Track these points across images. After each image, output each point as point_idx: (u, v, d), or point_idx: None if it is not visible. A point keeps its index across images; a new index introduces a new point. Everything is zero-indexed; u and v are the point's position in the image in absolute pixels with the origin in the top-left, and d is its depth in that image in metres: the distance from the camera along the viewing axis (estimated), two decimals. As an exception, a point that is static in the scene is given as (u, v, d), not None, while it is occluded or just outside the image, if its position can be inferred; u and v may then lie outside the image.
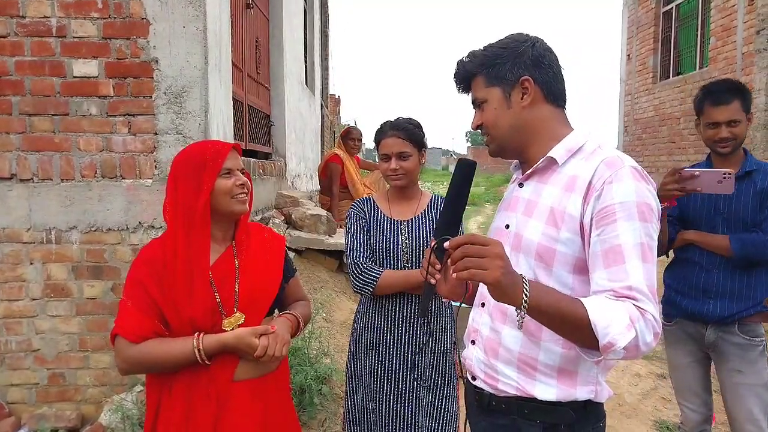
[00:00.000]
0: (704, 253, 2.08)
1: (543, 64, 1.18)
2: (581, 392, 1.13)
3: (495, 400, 1.20)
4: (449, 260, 1.02)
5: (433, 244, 1.17)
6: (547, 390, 1.13)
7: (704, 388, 2.21)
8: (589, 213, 1.07)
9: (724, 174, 1.87)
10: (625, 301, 1.02)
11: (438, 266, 1.14)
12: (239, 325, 1.41)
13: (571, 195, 1.11)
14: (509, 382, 1.17)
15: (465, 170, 1.19)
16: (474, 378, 1.26)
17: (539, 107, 1.19)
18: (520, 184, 1.24)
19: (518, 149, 1.23)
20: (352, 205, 2.03)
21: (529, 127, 1.20)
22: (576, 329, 1.02)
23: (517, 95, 1.18)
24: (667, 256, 2.24)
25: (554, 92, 1.20)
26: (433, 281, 1.15)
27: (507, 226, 1.23)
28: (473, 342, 1.27)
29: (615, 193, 1.05)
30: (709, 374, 2.23)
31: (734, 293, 2.04)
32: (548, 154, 1.17)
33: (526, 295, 0.98)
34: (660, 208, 1.11)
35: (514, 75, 1.17)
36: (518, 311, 1.02)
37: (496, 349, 1.19)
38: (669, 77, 8.82)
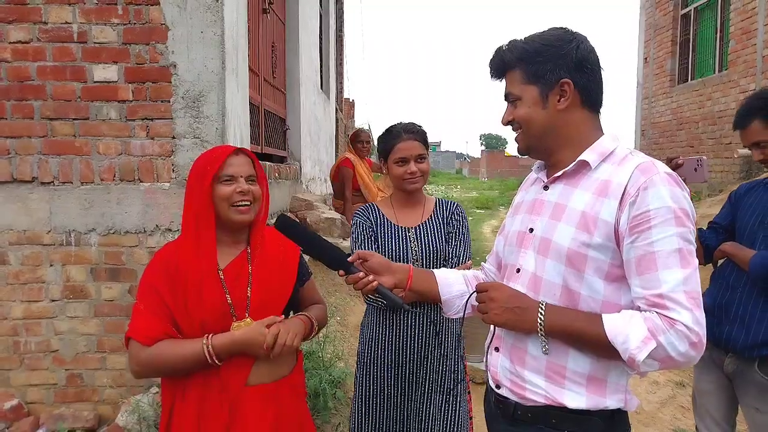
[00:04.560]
0: (734, 268, 1.87)
1: (586, 67, 1.13)
2: (611, 401, 1.11)
3: (520, 410, 1.18)
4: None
5: (341, 274, 1.37)
6: (576, 398, 1.11)
7: (725, 417, 1.99)
8: (625, 220, 1.05)
9: (698, 160, 1.77)
10: (653, 311, 1.01)
11: (362, 274, 1.34)
12: None
13: (605, 200, 1.08)
14: (537, 390, 1.15)
15: (286, 225, 1.41)
16: (498, 386, 1.23)
17: (575, 111, 1.16)
18: (546, 187, 1.21)
19: (547, 151, 1.20)
20: (356, 213, 1.97)
21: (562, 130, 1.17)
22: (599, 346, 1.06)
23: (555, 97, 1.14)
24: (714, 266, 2.02)
25: (592, 97, 1.16)
26: (376, 283, 1.33)
27: (531, 230, 1.20)
28: (497, 349, 1.25)
29: (650, 200, 1.03)
30: (735, 404, 1.99)
31: (753, 321, 1.78)
32: (580, 157, 1.14)
33: (541, 322, 1.09)
34: (695, 212, 1.08)
35: (555, 76, 1.13)
36: (540, 338, 1.11)
37: (523, 357, 1.17)
38: (687, 80, 8.70)
